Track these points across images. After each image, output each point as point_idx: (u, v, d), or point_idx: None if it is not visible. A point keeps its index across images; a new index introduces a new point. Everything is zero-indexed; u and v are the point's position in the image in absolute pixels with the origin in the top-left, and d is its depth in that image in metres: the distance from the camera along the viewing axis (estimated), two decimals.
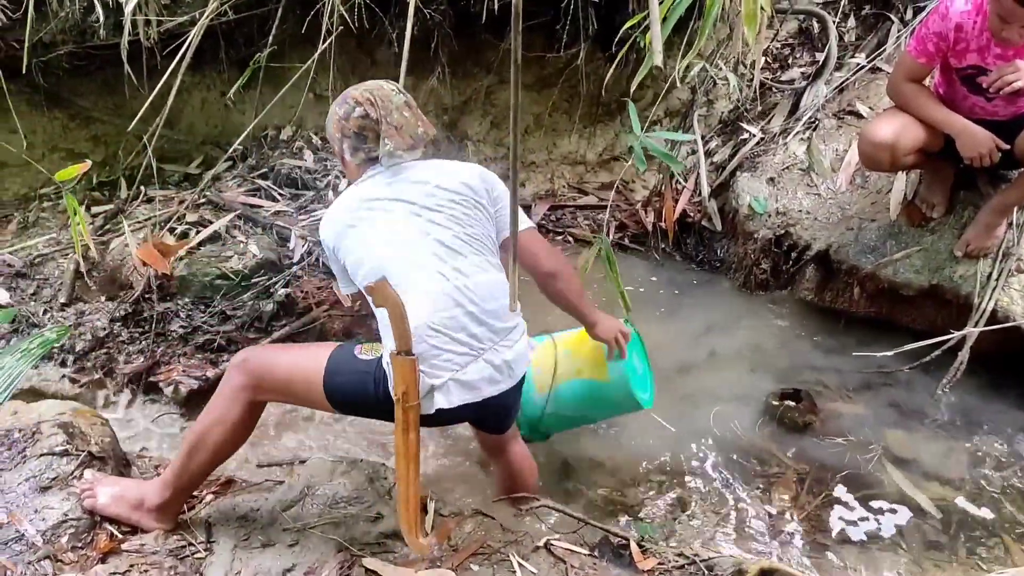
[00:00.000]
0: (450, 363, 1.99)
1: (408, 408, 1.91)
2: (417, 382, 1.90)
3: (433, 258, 2.04)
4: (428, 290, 2.00)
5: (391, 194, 2.11)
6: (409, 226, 2.07)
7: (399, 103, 2.14)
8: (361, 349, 2.07)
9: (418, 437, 1.96)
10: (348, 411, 2.18)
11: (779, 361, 3.46)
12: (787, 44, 4.65)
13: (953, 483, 2.84)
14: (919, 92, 3.10)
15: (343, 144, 2.17)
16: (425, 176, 2.14)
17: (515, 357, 2.11)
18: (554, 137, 4.54)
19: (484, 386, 2.04)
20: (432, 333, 1.97)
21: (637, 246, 4.23)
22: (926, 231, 3.40)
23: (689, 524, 2.71)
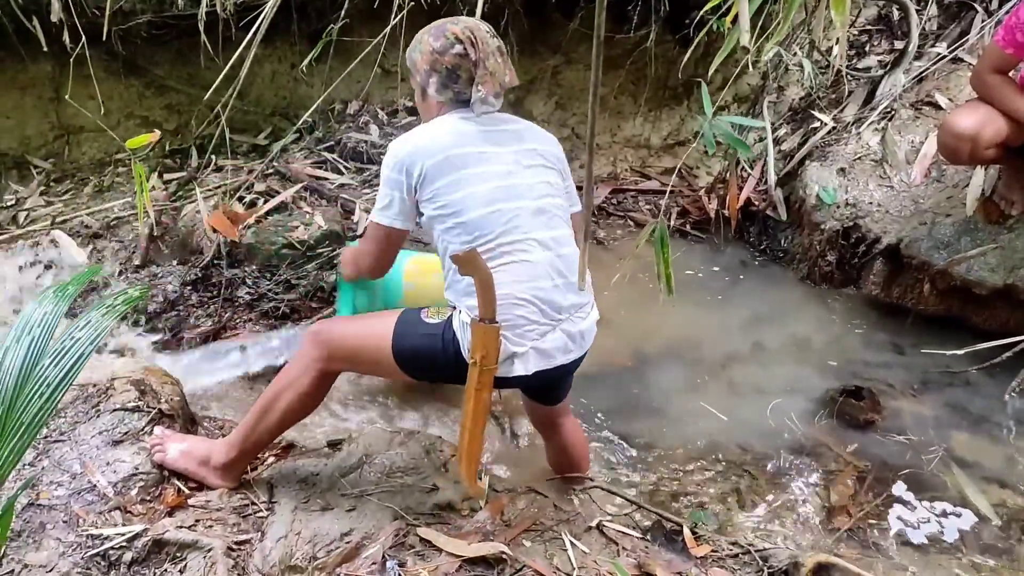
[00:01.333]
0: (533, 332, 2.00)
1: (485, 370, 1.92)
2: (498, 348, 1.91)
3: (536, 226, 2.03)
4: (530, 259, 2.00)
5: (493, 146, 2.04)
6: (513, 186, 2.02)
7: (494, 47, 2.04)
8: (428, 313, 2.08)
9: (490, 397, 1.98)
10: (417, 374, 2.19)
11: (841, 355, 3.40)
12: (865, 31, 4.53)
13: (1016, 489, 2.76)
14: (1004, 84, 2.99)
15: (431, 78, 2.05)
16: (522, 135, 2.11)
17: (588, 328, 2.12)
18: (618, 120, 4.50)
19: (559, 354, 2.05)
20: (522, 303, 1.98)
21: (698, 233, 4.18)
22: (1003, 229, 3.30)
23: (743, 514, 2.68)
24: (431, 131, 2.04)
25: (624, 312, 3.52)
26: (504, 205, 2.00)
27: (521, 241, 2.00)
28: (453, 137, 2.02)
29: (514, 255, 1.99)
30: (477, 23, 2.07)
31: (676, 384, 3.23)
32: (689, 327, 3.51)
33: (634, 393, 3.15)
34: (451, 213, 2.00)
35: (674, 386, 3.22)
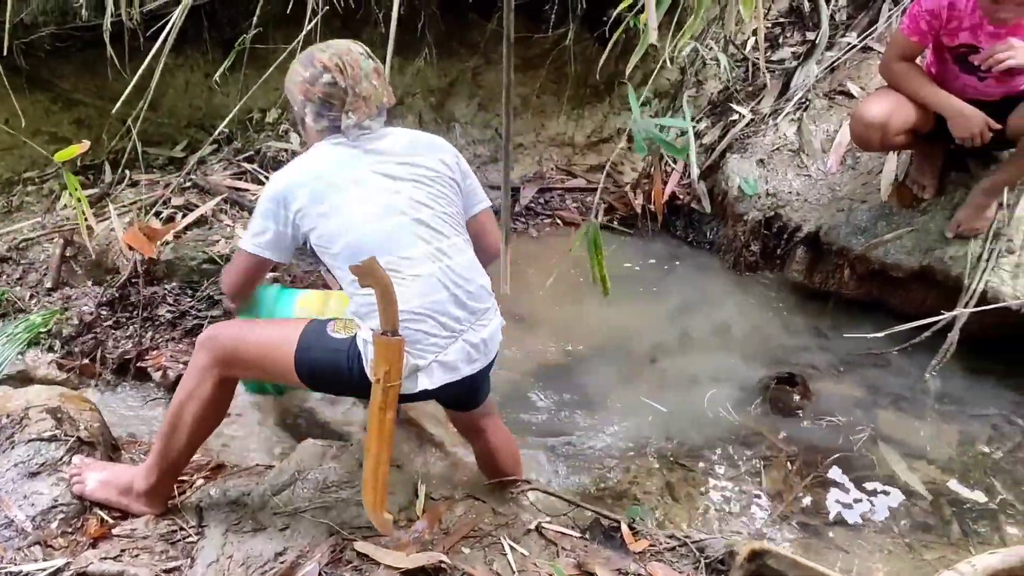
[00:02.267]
0: (435, 346, 1.99)
1: (389, 387, 1.89)
2: (401, 363, 1.89)
3: (419, 240, 2.02)
4: (417, 273, 1.99)
5: (369, 166, 2.04)
6: (391, 203, 2.02)
7: (368, 70, 2.04)
8: (334, 326, 2.05)
9: (395, 416, 1.95)
10: (318, 388, 2.17)
11: (769, 342, 3.46)
12: (778, 23, 4.63)
13: (942, 464, 2.86)
14: (911, 71, 3.09)
15: (306, 108, 2.05)
16: (402, 148, 2.09)
17: (490, 335, 2.11)
18: (542, 119, 4.51)
19: (463, 365, 2.04)
20: (420, 318, 1.96)
21: (626, 228, 4.21)
22: (917, 212, 3.40)
23: (681, 506, 2.71)
24: (308, 162, 2.05)
25: (555, 311, 3.53)
26: (384, 224, 1.99)
27: (407, 259, 1.99)
28: (329, 166, 2.02)
29: (401, 273, 1.97)
30: (350, 46, 2.06)
31: (610, 379, 3.25)
32: (620, 322, 3.53)
33: (569, 391, 3.16)
34: (329, 242, 2.01)
35: (608, 381, 3.23)
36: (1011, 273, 3.13)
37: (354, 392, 2.07)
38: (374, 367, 1.90)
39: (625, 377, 3.25)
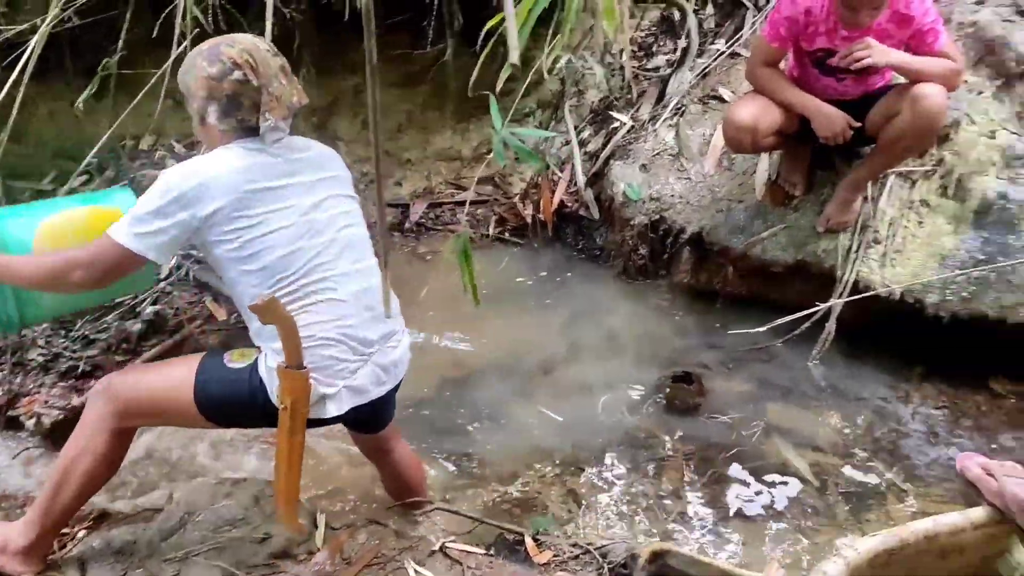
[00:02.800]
0: (344, 371, 1.95)
1: (296, 414, 1.86)
2: (308, 392, 1.85)
3: (342, 259, 1.96)
4: (336, 297, 1.94)
5: (290, 177, 1.91)
6: (314, 221, 1.92)
7: (277, 68, 1.90)
8: (230, 357, 1.98)
9: (303, 440, 1.92)
10: (223, 422, 2.08)
11: (661, 345, 3.54)
12: (651, 33, 4.76)
13: (829, 450, 2.97)
14: (774, 75, 3.22)
15: (210, 106, 1.87)
16: (319, 162, 2.01)
17: (400, 356, 2.09)
18: (428, 134, 4.50)
19: (372, 388, 2.01)
20: (331, 343, 1.92)
21: (517, 239, 4.24)
22: (790, 209, 3.54)
23: (584, 513, 2.73)
24: (222, 163, 1.84)
25: (448, 327, 3.51)
26: (306, 243, 1.90)
27: (326, 279, 1.93)
28: (247, 170, 1.85)
29: (320, 294, 1.92)
30: (256, 42, 1.92)
31: (507, 393, 3.25)
32: (514, 336, 3.55)
33: (468, 406, 3.15)
34: (249, 256, 1.86)
35: (506, 395, 3.24)
36: (879, 262, 3.30)
37: (264, 421, 1.97)
38: (279, 396, 1.85)
39: (522, 390, 3.26)
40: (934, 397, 3.20)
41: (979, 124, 3.35)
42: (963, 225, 3.25)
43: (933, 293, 3.19)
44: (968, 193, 3.26)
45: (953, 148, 3.34)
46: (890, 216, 3.36)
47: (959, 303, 3.15)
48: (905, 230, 3.35)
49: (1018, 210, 3.16)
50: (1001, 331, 3.13)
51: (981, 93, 3.42)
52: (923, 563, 1.82)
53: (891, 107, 3.03)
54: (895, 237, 3.34)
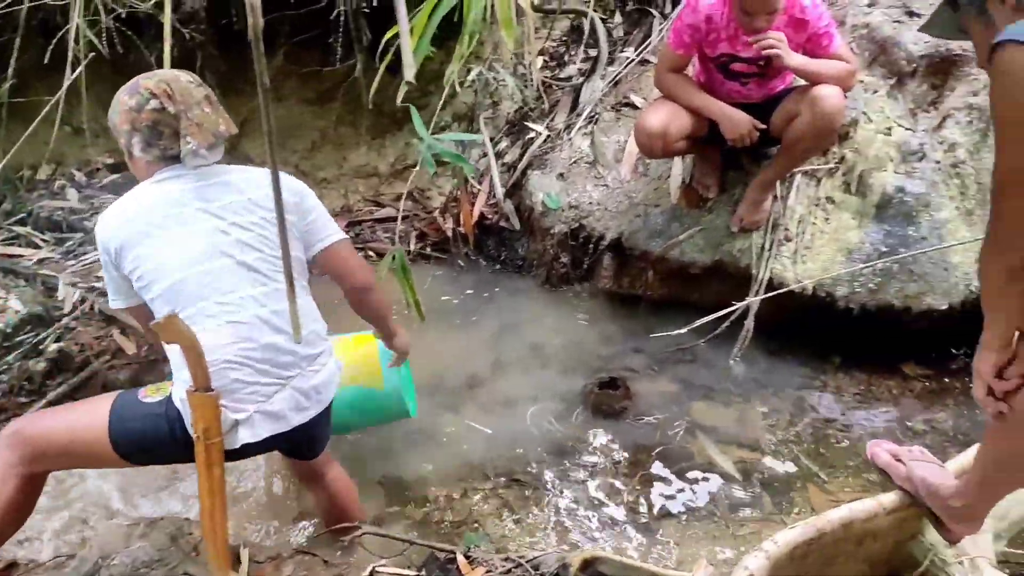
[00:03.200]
0: (256, 395, 1.90)
1: (211, 444, 1.81)
2: (219, 418, 1.80)
3: (242, 283, 1.92)
4: (236, 319, 1.89)
5: (198, 203, 1.91)
6: (216, 244, 1.91)
7: (199, 97, 1.94)
8: (145, 392, 1.94)
9: (222, 472, 1.86)
10: (142, 460, 2.01)
11: (586, 352, 3.56)
12: (562, 42, 4.80)
13: (752, 445, 3.03)
14: (680, 81, 3.29)
15: (133, 138, 1.92)
16: (237, 186, 1.97)
17: (323, 381, 2.05)
18: (343, 151, 4.45)
19: (291, 414, 1.96)
20: (236, 366, 1.87)
21: (440, 253, 4.22)
22: (704, 211, 3.61)
23: (518, 525, 2.73)
24: (129, 200, 1.93)
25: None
26: (205, 266, 1.88)
27: (226, 303, 1.89)
28: (153, 203, 1.90)
29: (219, 317, 1.88)
30: (177, 74, 1.97)
31: (436, 410, 3.22)
32: (442, 350, 3.52)
33: (396, 427, 3.10)
34: (149, 283, 1.89)
35: (434, 412, 3.20)
36: (791, 259, 3.39)
37: (182, 455, 1.91)
38: (194, 425, 1.81)
39: (450, 406, 3.24)
40: (850, 386, 3.31)
41: (876, 122, 3.48)
42: (866, 219, 3.36)
43: (842, 286, 3.29)
44: (869, 188, 3.37)
45: (853, 146, 3.46)
46: (799, 214, 3.46)
47: (867, 294, 3.26)
48: (813, 226, 3.45)
49: (915, 203, 3.28)
50: (907, 319, 3.25)
51: (876, 92, 3.55)
52: (841, 550, 1.86)
53: (792, 109, 3.13)
54: (804, 234, 3.43)
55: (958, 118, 3.41)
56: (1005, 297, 1.40)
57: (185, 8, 3.49)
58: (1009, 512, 2.15)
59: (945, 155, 3.37)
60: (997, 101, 1.27)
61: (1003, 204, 1.33)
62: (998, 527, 2.12)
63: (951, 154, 3.37)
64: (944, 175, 3.35)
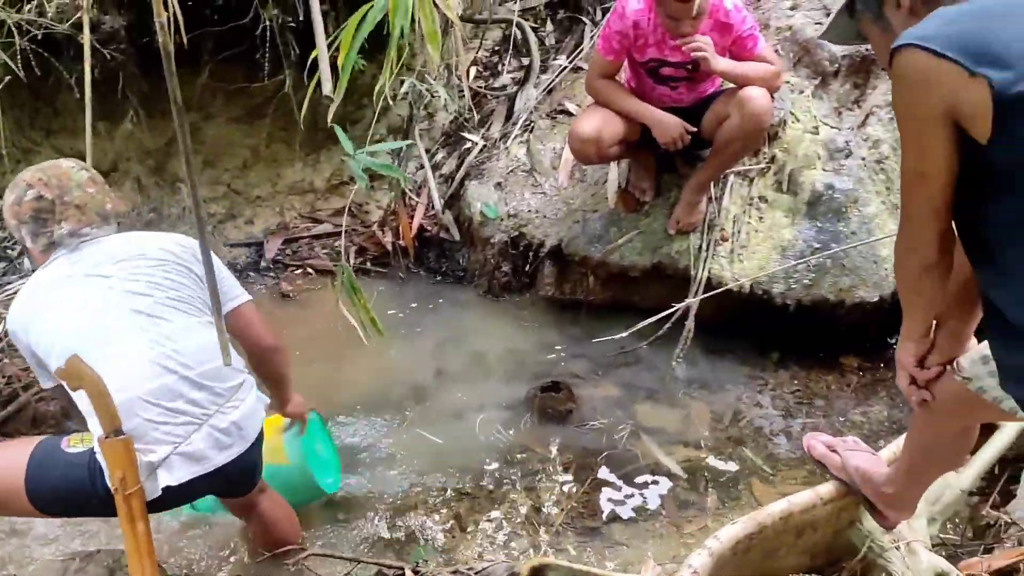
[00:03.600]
0: (170, 435, 1.85)
1: (130, 496, 1.73)
2: (134, 463, 1.74)
3: (134, 328, 1.91)
4: (133, 361, 1.86)
5: (81, 271, 1.97)
6: (104, 300, 1.93)
7: (81, 180, 2.03)
8: (69, 442, 1.89)
9: (147, 527, 1.79)
10: (60, 513, 1.99)
11: (530, 360, 3.56)
12: (495, 52, 4.82)
13: (696, 444, 3.07)
14: (611, 87, 3.32)
15: (22, 231, 2.02)
16: (116, 248, 2.03)
17: (243, 416, 2.01)
18: (276, 168, 4.38)
19: (213, 454, 1.92)
20: (146, 406, 1.83)
21: (380, 268, 4.19)
22: (641, 215, 3.65)
23: (469, 536, 2.72)
24: (27, 287, 2.03)
25: (317, 368, 3.41)
26: (97, 323, 1.91)
27: (121, 351, 1.88)
28: (47, 283, 1.99)
29: (116, 363, 1.84)
30: (58, 162, 2.09)
31: (382, 426, 3.18)
32: (387, 365, 3.49)
33: (342, 444, 3.06)
34: (49, 353, 1.91)
35: (380, 428, 3.17)
36: (728, 259, 3.45)
37: (105, 511, 1.84)
38: (111, 476, 1.74)
39: (396, 419, 3.21)
40: (789, 382, 3.37)
41: (803, 121, 3.56)
42: (798, 217, 3.44)
43: (778, 283, 3.35)
44: (800, 186, 3.45)
45: (783, 145, 3.53)
46: (733, 214, 3.52)
47: (802, 290, 3.33)
48: (748, 226, 3.51)
49: (844, 199, 3.37)
50: (840, 312, 3.32)
51: (802, 92, 3.64)
52: (782, 542, 1.89)
53: (721, 111, 3.19)
54: (740, 233, 3.49)
55: (880, 115, 3.51)
56: (920, 292, 1.45)
57: (105, 28, 3.41)
58: (942, 496, 2.21)
59: (870, 152, 3.47)
60: (897, 103, 1.31)
61: (907, 204, 1.37)
62: (931, 511, 2.18)
63: (875, 150, 3.47)
64: (870, 171, 3.44)
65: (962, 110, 1.21)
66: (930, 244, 1.35)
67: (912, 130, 1.28)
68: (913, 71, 1.24)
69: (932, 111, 1.23)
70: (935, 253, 1.35)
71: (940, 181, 1.28)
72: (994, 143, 1.20)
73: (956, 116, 1.22)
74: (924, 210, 1.32)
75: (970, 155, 1.25)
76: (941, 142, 1.25)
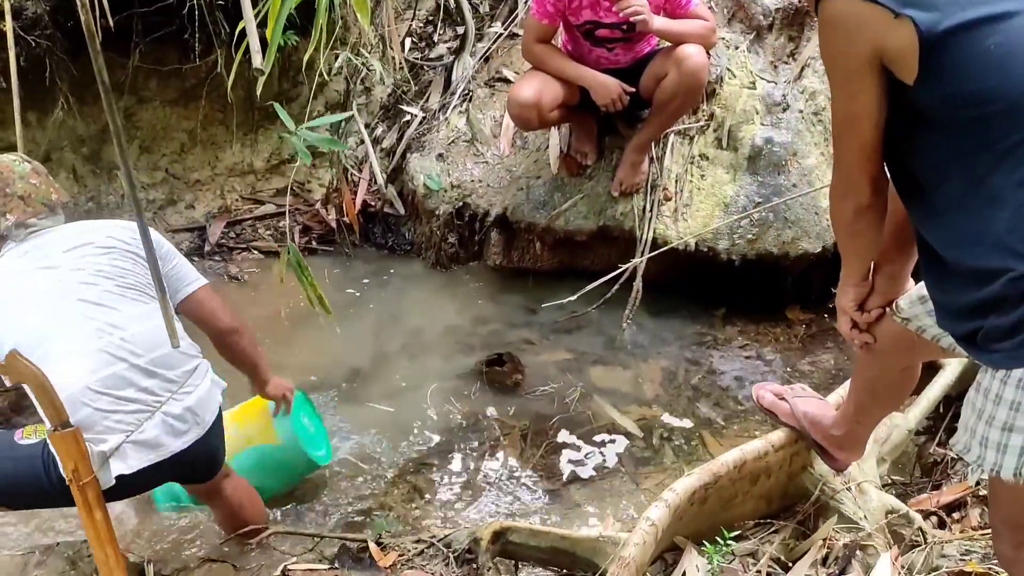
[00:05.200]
0: (122, 424, 1.83)
1: (85, 486, 1.73)
2: (86, 455, 1.73)
3: (81, 317, 1.88)
4: (80, 351, 1.84)
5: (28, 264, 1.95)
6: (50, 290, 1.91)
7: (24, 172, 2.02)
8: (22, 434, 1.87)
9: (106, 515, 1.79)
10: (15, 505, 1.96)
11: (482, 329, 3.57)
12: (429, 22, 4.75)
13: (650, 402, 3.12)
14: (548, 51, 3.31)
15: None
16: (64, 238, 2.00)
17: (198, 401, 1.99)
18: (215, 150, 4.29)
19: (169, 441, 1.91)
20: (94, 396, 1.81)
21: (326, 246, 4.14)
22: (585, 179, 3.66)
23: (430, 506, 2.73)
24: None
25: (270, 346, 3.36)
26: (46, 314, 1.89)
27: (72, 339, 1.86)
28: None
29: (68, 354, 1.84)
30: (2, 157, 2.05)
31: (338, 401, 3.17)
32: (335, 343, 3.47)
33: None
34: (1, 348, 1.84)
35: (336, 404, 3.16)
36: (671, 218, 3.48)
37: (62, 501, 1.86)
38: (63, 467, 1.74)
39: (349, 396, 3.20)
40: (737, 337, 3.43)
41: (739, 76, 3.60)
42: (739, 172, 3.48)
43: (723, 239, 3.40)
44: (739, 142, 3.49)
45: (721, 102, 3.57)
46: (675, 173, 3.55)
47: (746, 245, 3.38)
48: (691, 184, 3.55)
49: (783, 152, 3.42)
50: (785, 264, 3.39)
51: (738, 48, 3.67)
52: (738, 490, 1.94)
53: (659, 70, 3.20)
54: (683, 192, 3.53)
55: (815, 67, 3.56)
56: (856, 235, 1.48)
57: (28, 14, 3.29)
58: (890, 436, 2.29)
59: (807, 104, 3.52)
60: (824, 49, 1.33)
61: (839, 149, 1.40)
62: (880, 451, 2.25)
63: (812, 102, 3.52)
64: (807, 123, 3.50)
65: (889, 52, 1.23)
66: (863, 187, 1.37)
67: (841, 75, 1.30)
68: (839, 16, 1.25)
69: (859, 55, 1.25)
70: (869, 196, 1.38)
71: (870, 124, 1.30)
72: (921, 84, 1.22)
73: (883, 58, 1.24)
74: (856, 154, 1.35)
75: (898, 97, 1.28)
76: (869, 85, 1.27)
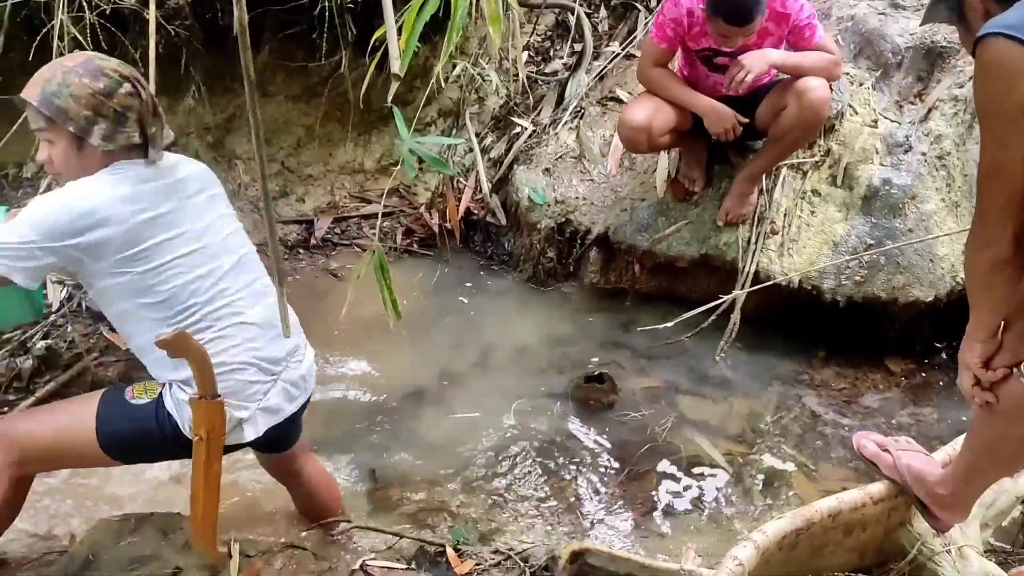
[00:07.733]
0: (257, 394, 1.93)
1: (212, 442, 1.84)
2: (223, 421, 1.82)
3: (242, 281, 1.93)
4: (243, 320, 1.91)
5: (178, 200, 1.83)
6: (211, 244, 1.88)
7: None
8: (133, 393, 1.92)
9: (220, 468, 1.91)
10: (132, 459, 2.04)
11: (573, 348, 3.55)
12: (547, 37, 4.79)
13: (739, 438, 3.05)
14: (664, 76, 3.29)
15: (95, 125, 1.70)
16: (199, 180, 1.94)
17: (307, 370, 2.08)
18: (329, 147, 4.42)
19: (286, 406, 2.00)
20: (242, 367, 1.89)
21: (426, 250, 4.21)
22: (691, 205, 3.62)
23: (505, 518, 2.73)
24: (108, 190, 1.72)
25: (361, 344, 3.45)
26: (204, 269, 1.85)
27: (230, 303, 1.89)
28: (134, 199, 1.75)
29: (226, 319, 1.88)
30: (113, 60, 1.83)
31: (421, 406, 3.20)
32: (427, 347, 3.51)
33: (382, 423, 3.10)
34: (147, 288, 1.77)
35: (419, 409, 3.19)
36: (777, 252, 3.41)
37: (175, 454, 1.97)
38: (193, 427, 1.82)
39: (434, 402, 3.22)
40: (835, 380, 3.33)
41: (861, 114, 3.50)
42: (852, 212, 3.39)
43: (829, 279, 3.31)
44: (855, 181, 3.39)
45: (839, 138, 3.48)
46: (785, 207, 3.48)
47: (853, 287, 3.28)
48: (799, 219, 3.47)
49: (901, 195, 3.30)
50: (893, 310, 3.27)
51: (862, 84, 3.57)
52: (830, 539, 1.88)
53: (778, 102, 3.14)
54: (791, 227, 3.45)
55: (944, 110, 3.44)
56: (990, 288, 1.42)
57: (170, 4, 3.46)
58: (997, 500, 2.17)
59: (931, 147, 3.40)
60: (979, 93, 1.28)
61: (983, 197, 1.34)
62: (985, 515, 2.14)
63: (937, 146, 3.40)
64: (930, 167, 3.38)
65: None
66: (1004, 240, 1.32)
67: (993, 120, 1.26)
68: (999, 59, 1.21)
69: (1016, 102, 1.20)
70: (1009, 249, 1.33)
71: (1020, 175, 1.25)
72: None
73: None
74: (1000, 204, 1.29)
75: None
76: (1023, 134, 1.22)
